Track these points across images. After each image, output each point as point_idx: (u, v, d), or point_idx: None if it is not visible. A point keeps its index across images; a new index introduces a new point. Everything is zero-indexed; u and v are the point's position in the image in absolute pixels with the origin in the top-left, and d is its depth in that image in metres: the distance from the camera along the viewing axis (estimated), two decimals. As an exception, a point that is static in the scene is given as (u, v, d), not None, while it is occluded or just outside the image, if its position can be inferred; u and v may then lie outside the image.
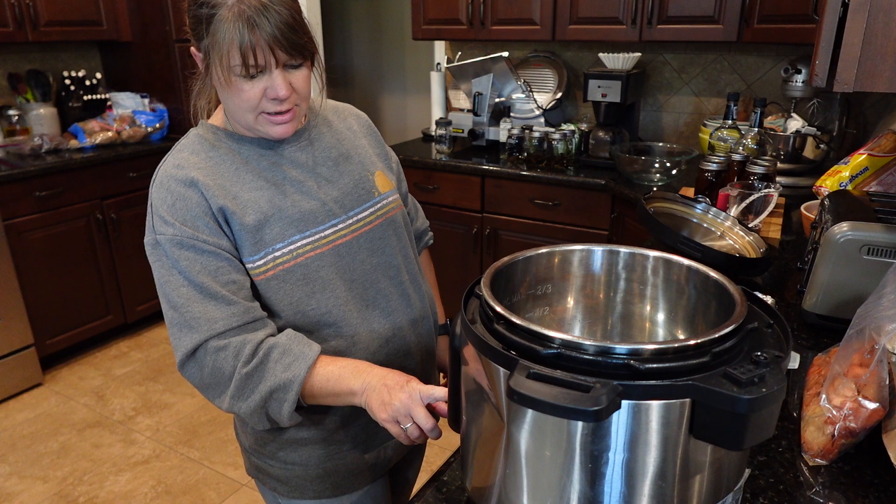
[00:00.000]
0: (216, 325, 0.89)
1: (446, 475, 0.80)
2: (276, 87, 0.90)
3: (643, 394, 0.52)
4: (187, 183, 0.92)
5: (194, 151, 0.97)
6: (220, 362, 0.89)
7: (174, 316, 0.90)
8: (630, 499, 0.56)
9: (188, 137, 1.01)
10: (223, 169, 0.96)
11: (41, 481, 2.31)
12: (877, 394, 0.77)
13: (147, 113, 3.32)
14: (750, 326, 0.59)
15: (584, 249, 0.80)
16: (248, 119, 0.94)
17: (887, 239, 1.03)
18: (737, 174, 1.79)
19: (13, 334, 2.76)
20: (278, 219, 0.96)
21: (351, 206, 1.03)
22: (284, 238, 0.96)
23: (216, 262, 0.91)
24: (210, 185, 0.93)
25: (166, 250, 0.91)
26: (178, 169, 0.94)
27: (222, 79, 0.89)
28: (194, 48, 0.94)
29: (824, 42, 0.86)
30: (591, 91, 2.60)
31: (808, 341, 1.10)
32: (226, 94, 0.93)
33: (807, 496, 0.75)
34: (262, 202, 0.96)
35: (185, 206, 0.91)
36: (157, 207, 0.93)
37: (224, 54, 0.87)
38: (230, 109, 0.96)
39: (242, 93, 0.90)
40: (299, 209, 0.98)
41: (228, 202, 0.93)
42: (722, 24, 2.36)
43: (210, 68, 0.90)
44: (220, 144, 0.99)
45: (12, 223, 2.72)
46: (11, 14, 2.83)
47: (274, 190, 0.97)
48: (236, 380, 0.89)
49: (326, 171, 1.04)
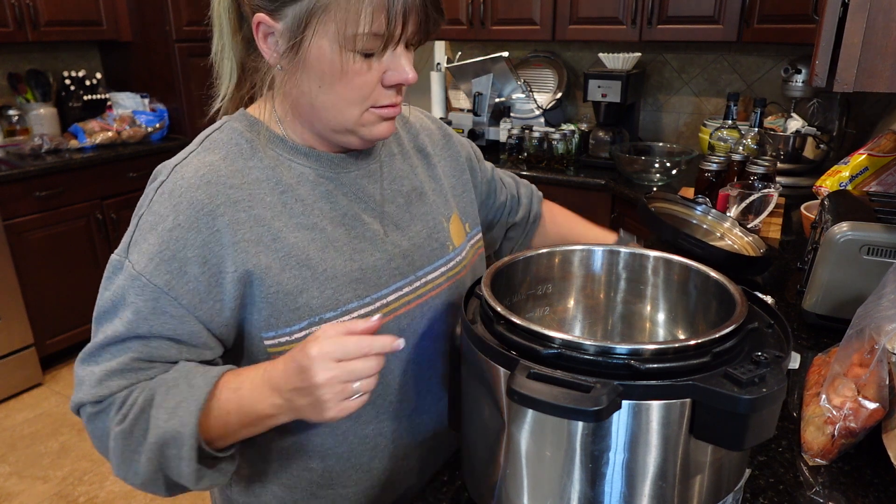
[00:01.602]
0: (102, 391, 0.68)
1: (446, 475, 0.80)
2: (402, 70, 0.69)
3: (643, 394, 0.52)
4: (206, 212, 0.67)
5: (228, 156, 0.71)
6: (100, 423, 0.69)
7: (89, 349, 0.70)
8: (630, 499, 0.56)
9: (221, 131, 0.74)
10: (263, 190, 0.71)
11: (41, 481, 2.31)
12: (877, 394, 0.77)
13: (147, 113, 3.32)
14: (750, 326, 0.59)
15: (584, 249, 0.80)
16: (350, 116, 0.70)
17: (887, 239, 1.03)
18: (737, 174, 1.79)
19: (13, 334, 2.76)
20: (330, 277, 0.72)
21: (421, 263, 0.80)
22: (337, 305, 0.72)
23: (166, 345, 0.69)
24: (237, 221, 0.68)
25: (124, 287, 0.67)
26: (199, 180, 0.68)
27: (330, 57, 0.66)
28: (266, 16, 0.67)
29: (824, 42, 0.86)
30: (591, 91, 2.60)
31: (808, 341, 1.10)
32: (322, 82, 0.68)
33: (807, 496, 0.75)
34: (311, 250, 0.71)
35: (185, 244, 0.67)
36: (150, 223, 0.68)
37: (349, 21, 0.64)
38: (322, 103, 0.70)
39: (355, 77, 0.67)
40: (360, 264, 0.74)
41: (261, 255, 0.69)
42: (722, 24, 2.36)
43: (303, 45, 0.66)
44: (264, 151, 0.73)
45: (12, 223, 2.72)
46: (11, 14, 2.83)
47: (328, 232, 0.73)
48: (114, 442, 0.68)
49: (396, 210, 0.80)
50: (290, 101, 0.73)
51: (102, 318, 0.69)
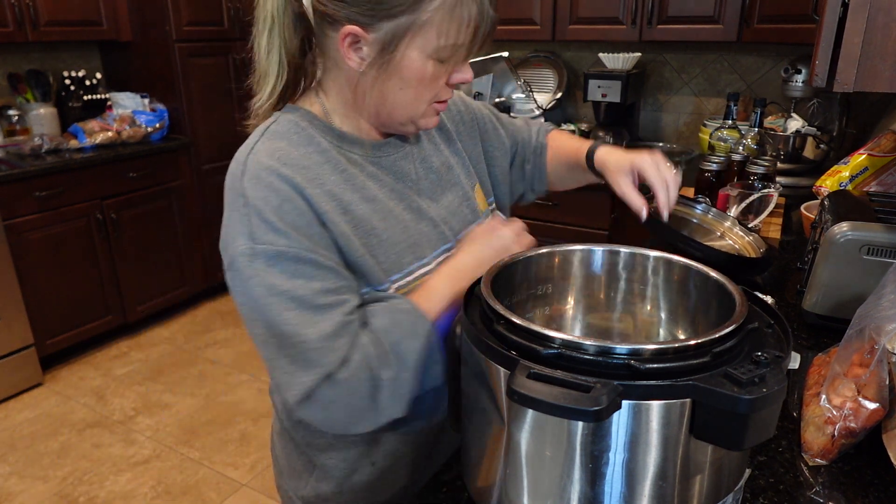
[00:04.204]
0: (339, 353, 0.72)
1: (446, 475, 0.80)
2: (466, 72, 0.79)
3: (643, 394, 0.52)
4: (291, 185, 0.73)
5: (292, 143, 0.77)
6: (354, 386, 0.72)
7: (280, 345, 0.72)
8: (630, 499, 0.56)
9: (279, 123, 0.80)
10: (327, 170, 0.78)
11: (41, 481, 2.31)
12: (877, 394, 0.77)
13: (147, 113, 3.31)
14: (750, 326, 0.59)
15: (584, 249, 0.80)
16: (418, 110, 0.80)
17: (887, 239, 1.03)
18: (737, 174, 1.79)
19: (13, 334, 2.76)
20: (393, 243, 0.80)
21: (458, 228, 0.90)
22: (402, 267, 0.81)
23: (337, 281, 0.74)
24: (317, 195, 0.75)
25: (273, 264, 0.71)
26: (277, 162, 0.74)
27: (418, 65, 0.74)
28: (359, 28, 0.73)
29: (824, 42, 0.86)
30: (591, 91, 2.60)
31: (808, 341, 1.10)
32: (405, 84, 0.76)
33: (807, 496, 0.75)
34: (374, 220, 0.79)
35: (296, 211, 0.73)
36: (258, 208, 0.72)
37: (442, 35, 0.72)
38: (399, 101, 0.78)
39: (437, 79, 0.77)
40: (413, 231, 0.83)
41: (339, 219, 0.76)
42: (722, 24, 2.36)
43: (395, 54, 0.74)
44: (319, 138, 0.80)
45: (12, 223, 2.72)
46: (11, 14, 2.83)
47: (384, 203, 0.82)
48: (386, 389, 0.73)
49: (430, 186, 0.89)
50: (355, 97, 0.80)
51: (267, 309, 0.71)
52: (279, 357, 0.72)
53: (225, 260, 0.74)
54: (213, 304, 3.70)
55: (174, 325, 3.46)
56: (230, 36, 3.46)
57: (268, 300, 0.71)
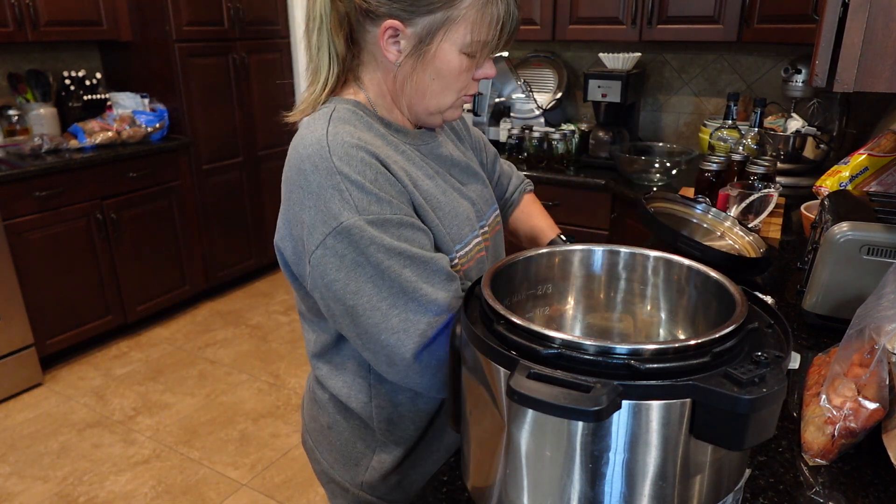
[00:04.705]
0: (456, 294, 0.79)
1: (446, 475, 0.80)
2: (490, 68, 0.86)
3: (643, 394, 0.52)
4: (378, 159, 0.79)
5: (357, 128, 0.82)
6: None
7: (394, 304, 0.76)
8: (630, 499, 0.56)
9: (338, 111, 0.84)
10: (391, 151, 0.84)
11: (41, 481, 2.31)
12: (877, 394, 0.77)
13: (147, 113, 3.32)
14: (750, 326, 0.59)
15: (584, 249, 0.80)
16: (447, 101, 0.86)
17: (887, 239, 1.03)
18: (737, 174, 1.79)
19: (13, 334, 2.76)
20: (454, 216, 0.88)
21: (484, 209, 0.99)
22: (462, 237, 0.88)
23: (431, 241, 0.81)
24: (396, 170, 0.81)
25: (385, 230, 0.75)
26: (359, 140, 0.79)
27: (450, 59, 0.81)
28: (399, 23, 0.79)
29: (824, 42, 0.86)
30: (591, 91, 2.60)
31: (808, 341, 1.10)
32: (437, 76, 0.83)
33: (807, 496, 0.75)
34: (437, 194, 0.86)
35: (389, 182, 0.78)
36: (358, 183, 0.75)
37: (472, 31, 0.79)
38: (431, 90, 0.84)
39: (463, 74, 0.83)
40: (463, 207, 0.91)
41: (414, 190, 0.83)
42: (722, 24, 2.36)
43: (430, 48, 0.80)
44: (375, 124, 0.86)
45: (12, 223, 2.72)
46: (11, 14, 2.83)
47: (439, 181, 0.89)
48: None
49: (459, 173, 0.97)
50: (391, 88, 0.87)
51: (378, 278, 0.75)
52: (389, 317, 0.76)
53: (313, 244, 0.76)
54: (213, 304, 3.70)
55: (174, 325, 3.46)
56: (230, 36, 3.46)
57: (388, 262, 0.75)
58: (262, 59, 3.69)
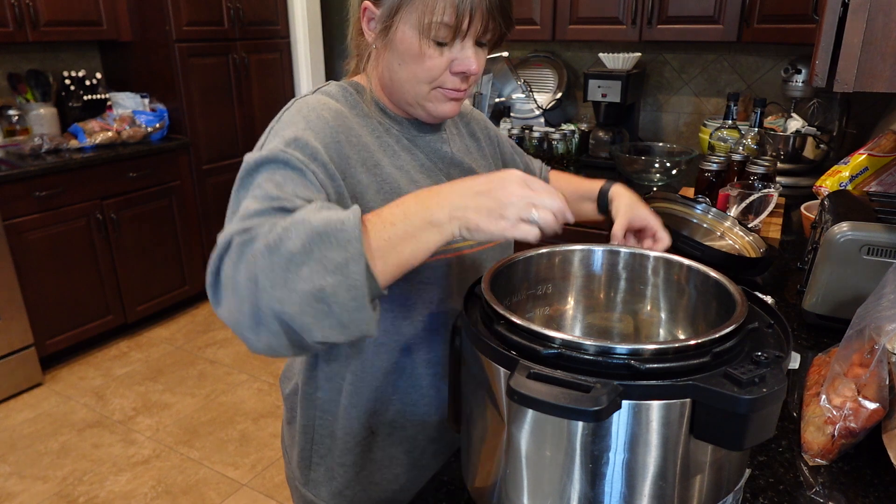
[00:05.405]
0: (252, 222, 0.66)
1: (446, 475, 0.80)
2: (467, 61, 0.81)
3: (643, 394, 0.52)
4: (329, 126, 0.79)
5: (340, 102, 0.85)
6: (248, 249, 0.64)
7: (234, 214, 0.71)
8: (630, 499, 0.56)
9: (329, 86, 0.88)
10: (365, 131, 0.85)
11: (41, 481, 2.31)
12: (877, 394, 0.77)
13: (147, 113, 3.32)
14: (750, 326, 0.59)
15: (584, 249, 0.80)
16: (419, 91, 0.84)
17: (887, 239, 1.03)
18: (737, 174, 1.79)
19: (13, 334, 2.76)
20: None
21: None
22: None
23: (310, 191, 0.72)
24: (348, 141, 0.81)
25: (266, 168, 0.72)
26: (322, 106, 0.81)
27: (410, 41, 0.80)
28: (371, 4, 0.82)
29: (824, 42, 0.86)
30: (591, 91, 2.60)
31: (808, 341, 1.10)
32: (402, 60, 0.82)
33: (807, 496, 0.75)
34: (401, 183, 0.85)
35: (314, 139, 0.76)
36: (279, 128, 0.78)
37: (427, 11, 0.77)
38: (399, 78, 0.84)
39: (427, 60, 0.81)
40: None
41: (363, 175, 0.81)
42: (722, 24, 2.36)
43: (391, 28, 0.80)
44: (364, 105, 0.88)
45: (12, 223, 2.72)
46: (11, 14, 2.83)
47: (413, 175, 0.88)
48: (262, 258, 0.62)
49: (459, 173, 0.95)
50: (378, 75, 0.89)
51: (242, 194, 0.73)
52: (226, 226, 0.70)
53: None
54: (213, 304, 3.70)
55: (174, 325, 3.46)
56: (230, 36, 3.46)
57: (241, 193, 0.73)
58: (262, 59, 3.69)
